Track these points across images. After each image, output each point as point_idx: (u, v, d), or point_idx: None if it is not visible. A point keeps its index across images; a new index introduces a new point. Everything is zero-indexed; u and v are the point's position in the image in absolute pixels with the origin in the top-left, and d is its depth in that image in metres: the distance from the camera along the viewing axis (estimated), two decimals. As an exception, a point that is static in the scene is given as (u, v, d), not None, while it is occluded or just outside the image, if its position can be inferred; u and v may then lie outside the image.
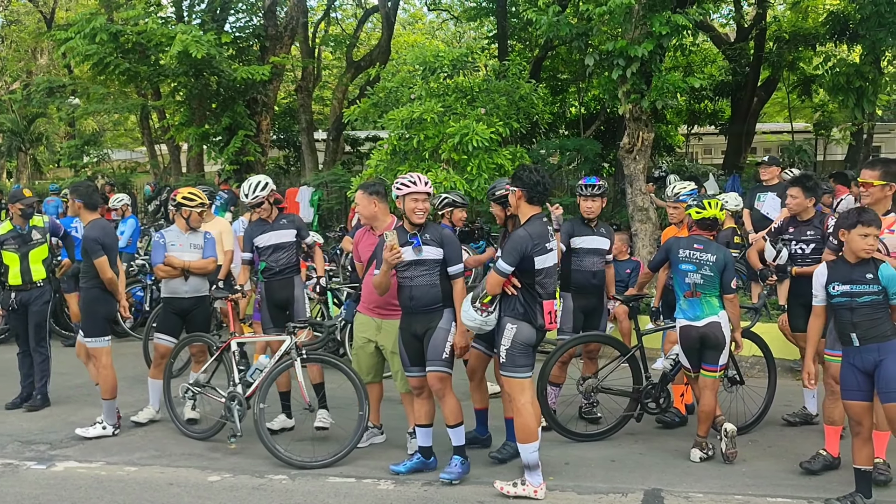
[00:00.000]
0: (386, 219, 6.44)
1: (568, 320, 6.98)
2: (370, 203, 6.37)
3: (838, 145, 23.59)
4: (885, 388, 5.07)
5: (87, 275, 7.12)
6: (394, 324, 6.31)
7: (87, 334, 7.17)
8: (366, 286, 6.50)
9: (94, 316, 7.15)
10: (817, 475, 5.86)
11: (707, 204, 6.39)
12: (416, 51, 12.89)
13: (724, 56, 20.93)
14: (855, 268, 5.18)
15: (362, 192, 6.41)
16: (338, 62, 27.02)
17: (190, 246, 7.51)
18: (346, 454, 6.22)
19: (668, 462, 6.27)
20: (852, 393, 5.21)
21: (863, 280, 5.13)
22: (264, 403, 6.33)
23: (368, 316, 6.45)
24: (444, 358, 5.81)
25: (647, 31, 10.74)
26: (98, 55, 15.28)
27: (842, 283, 5.19)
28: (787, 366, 8.57)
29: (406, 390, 6.37)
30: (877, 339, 5.10)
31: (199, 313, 7.50)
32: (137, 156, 27.13)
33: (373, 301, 6.41)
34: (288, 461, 6.19)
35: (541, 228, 5.52)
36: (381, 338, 6.39)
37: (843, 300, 5.19)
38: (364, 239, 6.62)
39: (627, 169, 11.68)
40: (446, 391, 5.84)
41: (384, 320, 6.36)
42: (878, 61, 15.27)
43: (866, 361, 5.12)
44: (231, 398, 6.63)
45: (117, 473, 6.21)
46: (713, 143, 28.35)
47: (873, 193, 5.70)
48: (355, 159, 22.31)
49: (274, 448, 6.22)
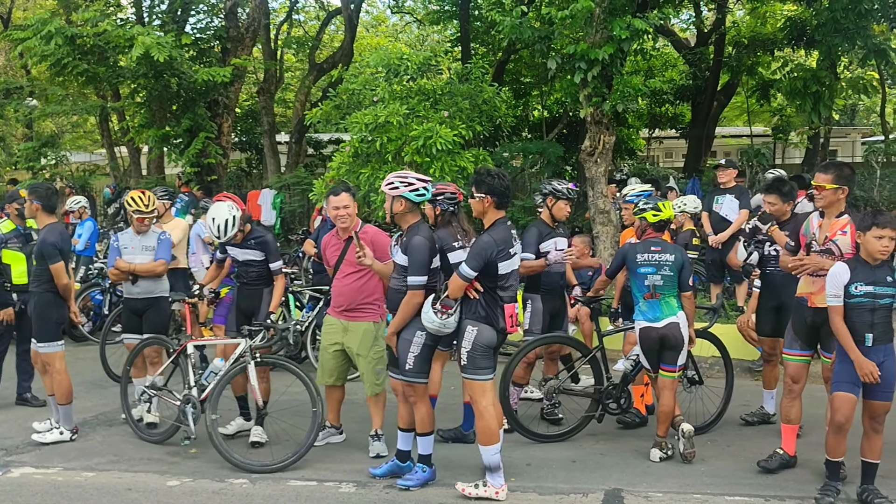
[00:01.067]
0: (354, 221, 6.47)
1: (537, 322, 7.00)
2: (355, 204, 6.41)
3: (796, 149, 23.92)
4: (879, 387, 5.22)
5: (40, 279, 6.97)
6: (360, 326, 6.34)
7: (39, 339, 7.01)
8: (334, 289, 6.50)
9: (47, 321, 7.00)
10: (774, 473, 5.95)
11: (662, 206, 6.48)
12: (379, 53, 12.84)
13: (684, 60, 21.13)
14: (876, 269, 5.26)
15: (349, 194, 6.40)
16: (300, 64, 26.91)
17: (142, 248, 7.55)
18: (304, 454, 6.19)
19: (628, 462, 6.33)
20: (847, 385, 5.31)
21: (884, 282, 5.22)
22: (216, 414, 6.29)
23: (336, 318, 6.44)
24: (406, 368, 5.76)
25: (608, 34, 10.82)
26: (55, 56, 15.04)
27: (865, 284, 5.24)
28: (745, 366, 8.68)
29: (373, 393, 6.37)
30: (886, 340, 5.24)
31: (152, 314, 7.50)
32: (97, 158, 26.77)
33: (340, 304, 6.43)
34: (245, 467, 6.15)
35: (505, 233, 5.53)
36: (347, 339, 6.39)
37: (865, 301, 5.24)
38: (332, 243, 6.61)
39: (589, 172, 11.76)
40: (416, 398, 5.81)
41: (350, 322, 6.37)
42: (834, 67, 15.52)
43: (874, 361, 5.22)
44: (185, 401, 6.57)
45: (75, 479, 6.12)
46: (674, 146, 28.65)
47: (826, 196, 5.80)
48: (318, 162, 22.21)
49: (229, 454, 6.18)
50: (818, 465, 5.89)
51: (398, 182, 5.77)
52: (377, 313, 6.47)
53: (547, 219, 7.08)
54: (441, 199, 6.25)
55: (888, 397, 5.24)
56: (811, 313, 5.85)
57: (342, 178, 12.09)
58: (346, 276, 6.40)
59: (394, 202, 5.79)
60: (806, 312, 5.88)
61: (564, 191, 7.00)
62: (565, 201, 7.04)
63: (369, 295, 6.42)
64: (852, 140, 30.12)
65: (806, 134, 19.27)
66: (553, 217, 7.07)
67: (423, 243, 5.66)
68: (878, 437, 5.36)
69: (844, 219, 5.81)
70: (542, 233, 6.97)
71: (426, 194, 5.83)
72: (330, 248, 6.62)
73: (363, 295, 6.39)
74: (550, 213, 7.06)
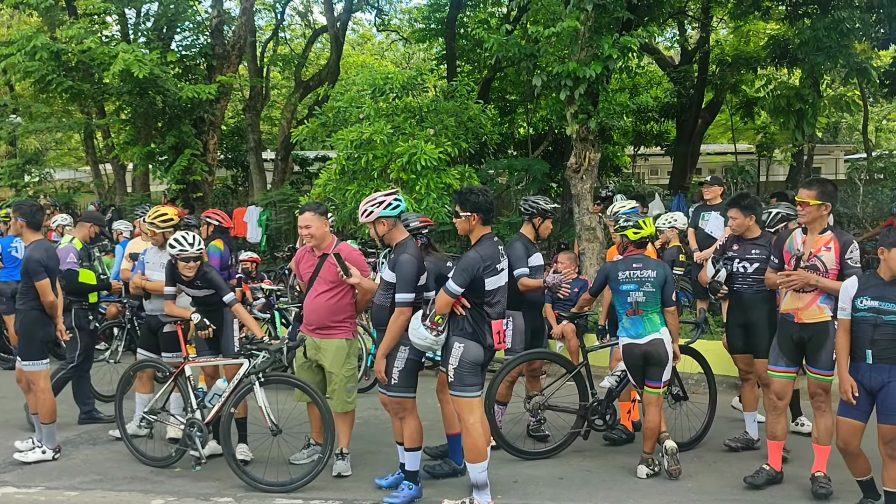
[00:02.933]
0: (328, 239, 6.45)
1: (520, 340, 6.91)
2: (323, 224, 6.38)
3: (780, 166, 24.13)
4: (886, 410, 5.13)
5: (26, 296, 6.90)
6: (332, 343, 6.33)
7: (24, 357, 6.93)
8: (307, 307, 6.46)
9: (32, 338, 6.92)
10: (761, 489, 5.94)
11: (642, 223, 6.49)
12: (365, 72, 12.89)
13: (669, 78, 21.31)
14: (889, 286, 5.18)
15: (313, 213, 6.36)
16: (286, 82, 26.94)
17: (160, 265, 7.32)
18: (319, 472, 6.10)
19: (615, 479, 6.31)
20: (850, 411, 5.26)
21: (892, 299, 5.13)
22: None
23: (308, 336, 6.41)
24: (392, 384, 5.76)
25: (594, 52, 10.88)
26: (39, 72, 15.00)
27: (871, 299, 5.19)
28: (730, 382, 8.68)
29: (342, 411, 6.33)
30: (890, 360, 5.13)
31: (168, 332, 7.26)
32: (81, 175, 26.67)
33: (312, 321, 6.40)
34: (261, 488, 6.08)
35: (491, 249, 5.52)
36: (319, 357, 6.37)
37: (868, 315, 5.19)
38: (305, 259, 6.59)
39: (574, 188, 11.78)
40: (405, 414, 5.80)
41: (322, 340, 6.34)
42: (816, 85, 15.66)
43: (874, 381, 5.17)
44: (191, 425, 6.47)
45: (57, 498, 6.05)
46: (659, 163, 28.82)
47: (810, 212, 5.82)
48: (304, 179, 22.21)
49: (244, 474, 6.14)
50: (804, 481, 5.90)
51: (370, 207, 5.80)
52: (350, 330, 6.46)
53: (529, 234, 7.03)
54: (425, 234, 6.35)
55: (893, 420, 5.11)
56: (797, 329, 5.85)
57: (328, 196, 12.10)
58: (320, 294, 6.36)
59: (376, 226, 5.82)
60: (792, 329, 5.88)
61: (551, 210, 6.99)
62: (551, 220, 7.05)
63: (342, 313, 6.39)
64: (835, 157, 30.38)
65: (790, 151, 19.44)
66: (538, 235, 7.05)
67: (411, 260, 5.65)
68: (893, 462, 5.17)
69: (828, 235, 5.84)
70: (529, 249, 6.95)
71: (401, 204, 5.84)
72: (303, 264, 6.59)
73: (336, 313, 6.36)
74: (536, 230, 7.02)
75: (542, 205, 6.95)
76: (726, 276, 6.74)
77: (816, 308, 5.79)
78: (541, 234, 7.05)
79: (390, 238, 5.84)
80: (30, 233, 7.01)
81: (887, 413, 5.12)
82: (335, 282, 6.29)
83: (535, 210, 6.94)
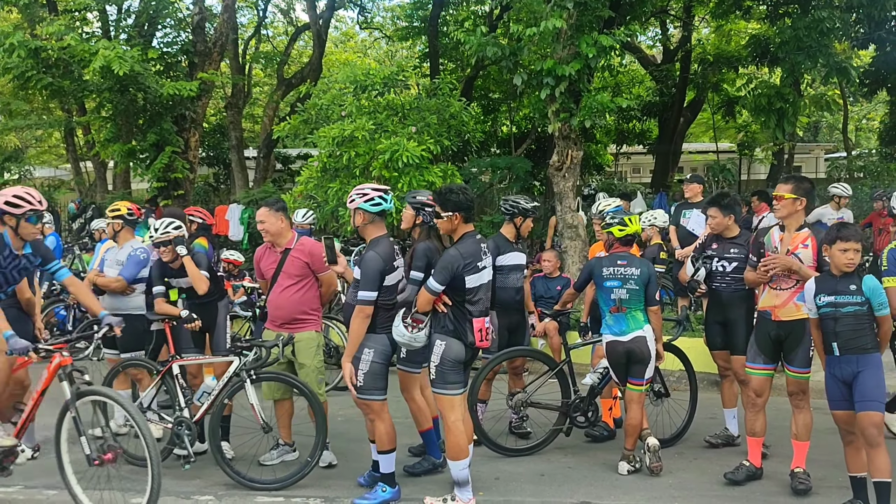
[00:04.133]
0: (287, 234, 6.46)
1: (495, 338, 6.93)
2: (278, 220, 6.37)
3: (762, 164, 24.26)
4: (859, 398, 5.18)
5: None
6: (302, 335, 6.35)
7: None
8: (272, 303, 6.45)
9: None
10: (741, 485, 5.97)
11: (628, 220, 6.51)
12: (346, 69, 12.89)
13: (651, 77, 21.41)
14: (840, 280, 5.28)
15: (268, 209, 6.39)
16: (269, 79, 26.85)
17: (116, 262, 7.48)
18: (309, 471, 6.09)
19: (596, 475, 6.33)
20: (837, 403, 5.31)
21: (847, 291, 5.24)
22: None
23: (276, 332, 6.39)
24: (357, 385, 5.68)
25: (576, 51, 10.91)
26: (19, 69, 14.87)
27: (827, 295, 5.28)
28: (711, 379, 8.72)
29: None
30: (856, 350, 5.20)
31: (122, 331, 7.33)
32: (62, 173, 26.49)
33: (279, 317, 6.40)
34: (249, 485, 6.04)
35: (473, 247, 5.51)
36: (289, 351, 6.34)
37: (827, 310, 5.28)
38: (266, 256, 6.57)
39: (557, 186, 11.82)
40: (374, 416, 5.75)
41: (294, 334, 6.34)
42: (797, 84, 15.77)
43: (845, 371, 5.22)
44: (178, 423, 6.42)
45: (36, 497, 6.01)
46: (641, 162, 28.93)
47: (785, 206, 5.85)
48: (286, 177, 22.15)
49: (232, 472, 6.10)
50: (784, 477, 5.94)
51: (355, 195, 5.78)
52: (318, 323, 6.51)
53: (509, 234, 7.01)
54: (428, 211, 6.18)
55: (869, 408, 5.13)
56: (774, 327, 5.88)
57: (309, 193, 12.08)
58: (287, 289, 6.35)
59: (354, 215, 5.80)
60: (769, 326, 5.91)
61: (532, 209, 6.99)
62: (532, 218, 7.06)
63: (309, 305, 6.42)
64: (816, 156, 30.58)
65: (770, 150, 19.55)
66: (519, 234, 7.04)
67: (375, 258, 5.56)
68: (873, 450, 5.15)
69: (805, 232, 5.87)
70: (501, 247, 6.93)
71: (383, 203, 5.75)
72: (265, 261, 6.57)
73: (303, 305, 6.38)
74: (517, 230, 7.01)
75: (522, 204, 6.94)
76: (705, 275, 6.78)
77: (793, 305, 5.80)
78: (522, 233, 7.05)
79: (364, 232, 5.82)
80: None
81: (861, 401, 5.18)
82: (300, 275, 6.31)
83: (517, 210, 6.93)
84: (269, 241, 6.48)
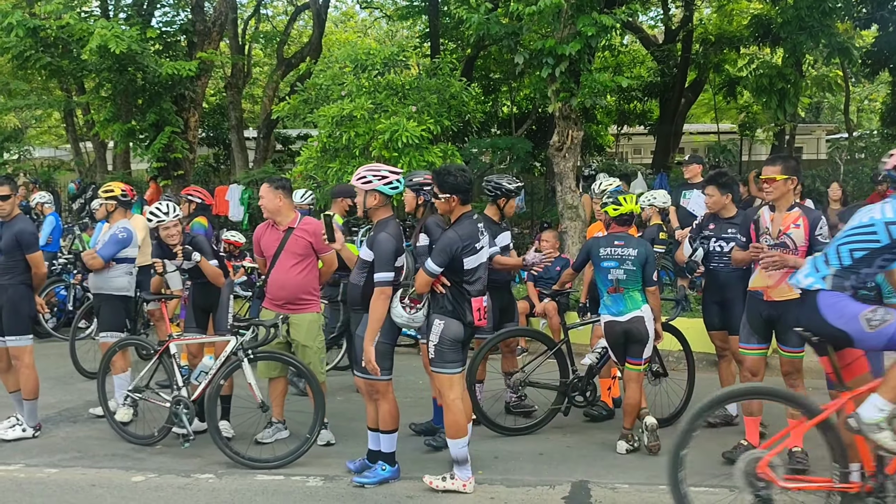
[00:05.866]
0: (290, 214, 6.47)
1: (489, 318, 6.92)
2: (275, 197, 6.37)
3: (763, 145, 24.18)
4: None
5: (14, 270, 6.81)
6: (304, 317, 6.37)
7: (10, 332, 6.84)
8: (273, 282, 6.43)
9: (19, 313, 6.86)
10: (738, 464, 5.99)
11: (623, 200, 6.49)
12: (347, 48, 12.83)
13: (652, 57, 21.31)
14: None
15: (268, 185, 6.40)
16: (268, 59, 26.73)
17: (103, 242, 7.53)
18: (307, 449, 6.14)
19: (595, 454, 6.36)
20: None
21: None
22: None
23: (275, 312, 6.39)
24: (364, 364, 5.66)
25: (576, 30, 10.86)
26: (17, 48, 14.81)
27: None
28: (709, 359, 8.73)
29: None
30: None
31: (102, 310, 7.47)
32: (62, 153, 26.42)
33: (281, 297, 6.39)
34: (246, 464, 6.07)
35: (470, 228, 5.50)
36: (291, 332, 6.37)
37: None
38: (266, 234, 6.56)
39: (557, 167, 11.79)
40: (379, 396, 5.74)
41: (293, 315, 6.35)
42: (799, 64, 15.70)
43: None
44: (176, 402, 6.45)
45: (37, 475, 6.04)
46: (642, 142, 28.83)
47: (777, 188, 5.82)
48: (286, 157, 22.12)
49: (230, 451, 6.11)
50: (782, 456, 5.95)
51: (371, 176, 5.62)
52: (318, 304, 6.53)
53: (493, 215, 6.94)
54: (427, 190, 6.13)
55: None
56: (767, 307, 5.88)
57: (309, 174, 12.06)
58: (290, 269, 6.35)
59: (367, 196, 5.67)
60: (761, 307, 5.90)
61: (515, 189, 6.95)
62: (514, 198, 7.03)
63: (311, 285, 6.43)
64: (817, 137, 30.50)
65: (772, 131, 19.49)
66: (503, 215, 7.00)
67: (389, 239, 5.56)
68: None
69: (796, 212, 5.85)
70: (491, 229, 6.87)
71: (399, 187, 5.73)
72: (266, 238, 6.55)
73: (307, 286, 6.38)
74: (501, 210, 6.96)
75: (505, 185, 6.86)
76: (703, 255, 6.78)
77: (785, 286, 5.78)
78: (506, 214, 6.99)
79: (374, 214, 5.74)
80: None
81: None
82: (303, 254, 6.30)
83: (500, 191, 6.85)
84: (269, 219, 6.48)
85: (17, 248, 6.78)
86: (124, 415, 6.97)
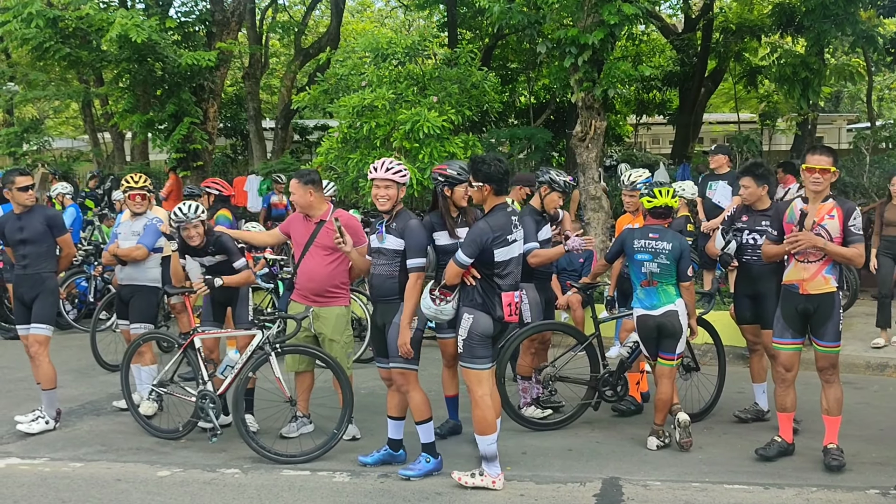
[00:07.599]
0: (322, 206, 6.42)
1: (538, 312, 6.81)
2: (305, 192, 6.31)
3: (784, 135, 23.96)
4: None
5: (49, 259, 6.96)
6: (332, 311, 6.32)
7: (40, 321, 6.90)
8: (303, 274, 6.38)
9: (54, 305, 7.07)
10: (772, 461, 5.90)
11: (658, 192, 6.36)
12: (367, 38, 12.71)
13: (672, 46, 21.09)
14: None
15: (297, 181, 6.34)
16: (286, 49, 26.66)
17: (131, 233, 7.53)
18: (335, 444, 6.10)
19: (625, 450, 6.27)
20: None
21: None
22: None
23: (303, 304, 6.35)
24: (398, 354, 5.65)
25: (599, 19, 10.73)
26: (37, 39, 14.76)
27: None
28: (738, 353, 8.63)
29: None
30: None
31: (135, 302, 7.47)
32: (80, 144, 26.45)
33: (310, 289, 6.34)
34: (273, 458, 6.03)
35: (503, 220, 5.42)
36: (318, 325, 6.31)
37: None
38: (297, 224, 6.52)
39: (580, 157, 11.67)
40: (409, 387, 5.70)
41: (322, 308, 6.30)
42: (822, 53, 15.50)
43: None
44: (202, 397, 6.40)
45: (62, 469, 6.01)
46: (661, 132, 28.66)
47: (829, 179, 5.68)
48: (304, 148, 22.07)
49: (257, 445, 6.07)
50: (816, 453, 5.86)
51: (404, 170, 5.76)
52: (347, 297, 6.47)
53: (537, 205, 6.95)
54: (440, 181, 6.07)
55: None
56: (802, 300, 5.76)
57: (330, 165, 11.98)
58: (319, 261, 6.30)
59: (399, 189, 5.73)
60: (797, 300, 5.79)
61: (561, 183, 6.88)
62: (559, 193, 6.94)
63: (340, 279, 6.37)
64: (838, 126, 30.21)
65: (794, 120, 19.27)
66: (543, 206, 6.95)
67: (419, 226, 5.67)
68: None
69: (830, 203, 5.72)
70: (537, 221, 6.85)
71: (407, 176, 5.85)
72: (295, 228, 6.51)
73: (334, 279, 6.33)
74: (542, 201, 6.93)
75: (552, 175, 6.87)
76: (735, 248, 6.66)
77: (822, 279, 5.69)
78: (546, 206, 6.93)
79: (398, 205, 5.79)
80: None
81: None
82: (333, 247, 6.22)
83: (546, 180, 6.87)
84: (303, 213, 6.43)
85: (46, 234, 6.90)
86: (149, 408, 6.96)
